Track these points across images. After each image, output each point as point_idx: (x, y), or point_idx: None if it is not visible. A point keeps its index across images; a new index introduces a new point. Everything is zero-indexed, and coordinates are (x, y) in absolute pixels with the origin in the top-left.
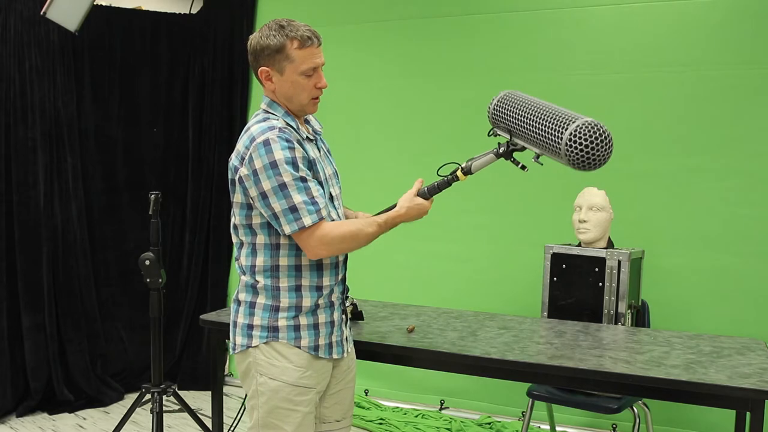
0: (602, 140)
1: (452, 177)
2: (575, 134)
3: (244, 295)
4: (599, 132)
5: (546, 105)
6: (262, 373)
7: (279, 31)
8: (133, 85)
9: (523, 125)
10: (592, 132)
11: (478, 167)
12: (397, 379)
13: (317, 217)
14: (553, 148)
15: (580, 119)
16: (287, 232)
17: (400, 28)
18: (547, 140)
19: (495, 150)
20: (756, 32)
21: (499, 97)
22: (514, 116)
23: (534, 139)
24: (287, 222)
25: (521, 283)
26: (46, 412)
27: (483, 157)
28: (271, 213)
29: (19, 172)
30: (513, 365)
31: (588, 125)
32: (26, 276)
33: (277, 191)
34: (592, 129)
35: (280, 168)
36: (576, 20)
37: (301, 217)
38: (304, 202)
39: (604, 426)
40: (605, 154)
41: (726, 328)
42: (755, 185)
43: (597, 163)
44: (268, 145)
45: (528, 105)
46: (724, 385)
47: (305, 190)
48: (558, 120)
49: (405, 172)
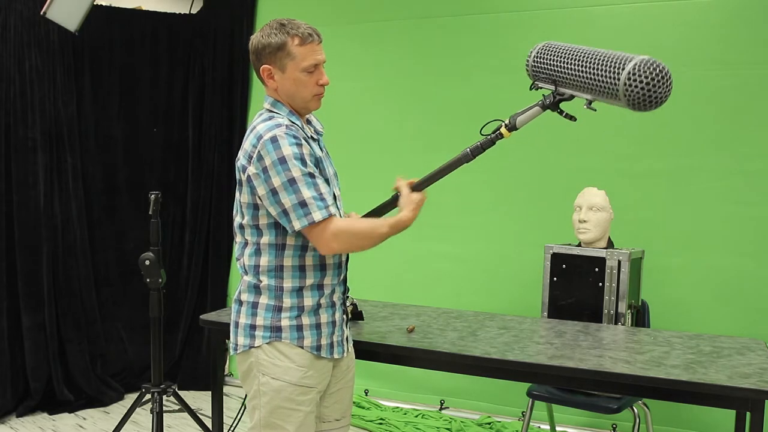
0: (662, 77)
1: (496, 135)
2: (634, 72)
3: (246, 295)
4: (659, 69)
5: (591, 49)
6: (264, 373)
7: (280, 29)
8: (133, 85)
9: (571, 72)
10: (652, 69)
11: (523, 122)
12: (397, 379)
13: (327, 213)
14: (609, 91)
15: (636, 57)
16: (297, 227)
17: (400, 28)
18: (602, 83)
19: (541, 102)
20: (756, 32)
21: (538, 49)
22: (560, 64)
23: (585, 84)
24: (297, 217)
25: (521, 283)
26: (46, 412)
27: (528, 110)
28: (281, 210)
29: (19, 172)
30: (513, 365)
31: (646, 63)
32: (26, 276)
33: (287, 186)
34: (651, 66)
35: (289, 163)
36: (576, 20)
37: (311, 212)
38: (314, 198)
39: (604, 426)
40: (666, 91)
41: (726, 328)
42: (755, 185)
43: (658, 101)
44: (276, 142)
45: (573, 51)
46: (724, 385)
47: (314, 185)
48: (611, 61)
49: (405, 172)
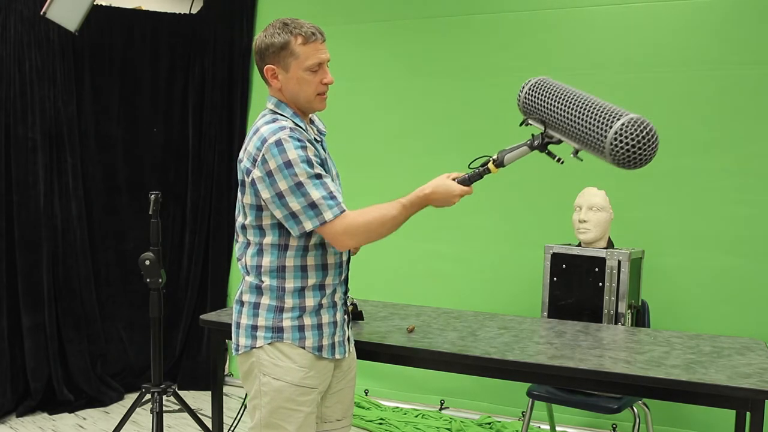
0: (649, 138)
1: (484, 169)
2: (622, 132)
3: (248, 295)
4: (647, 131)
5: (584, 96)
6: (265, 373)
7: (283, 28)
8: (133, 85)
9: (561, 117)
10: (640, 130)
11: (511, 159)
12: (397, 379)
13: (338, 210)
14: (595, 145)
15: (625, 116)
16: (308, 228)
17: (400, 28)
18: (589, 135)
19: (529, 141)
20: (756, 32)
21: (531, 84)
22: (550, 106)
23: (573, 132)
24: (308, 218)
25: (521, 283)
26: (46, 412)
27: (516, 149)
28: (288, 212)
29: (19, 172)
30: (513, 365)
31: (635, 122)
32: (26, 276)
33: (294, 190)
34: (639, 127)
35: (295, 167)
36: (576, 20)
37: (321, 212)
38: (323, 197)
39: (604, 426)
40: (651, 153)
41: (726, 328)
42: (755, 185)
43: (642, 162)
44: (280, 146)
45: (565, 94)
46: (724, 385)
47: (322, 185)
48: (601, 114)
49: (405, 172)
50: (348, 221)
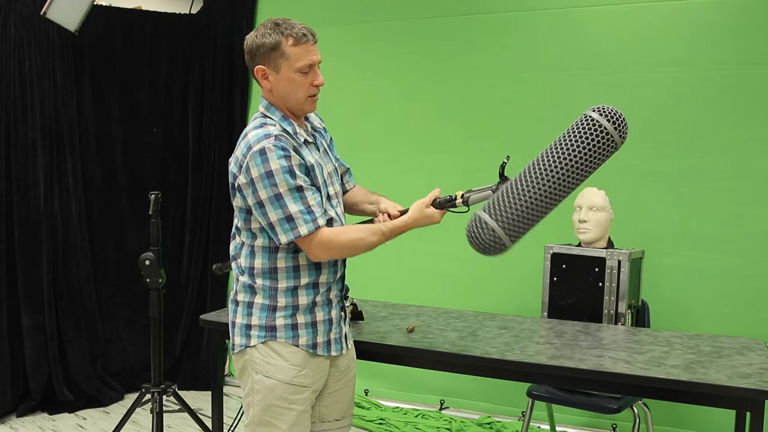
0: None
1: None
2: (601, 110)
3: (242, 295)
4: (611, 111)
5: (528, 167)
6: (257, 371)
7: (274, 29)
8: (133, 84)
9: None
10: (605, 108)
11: (475, 201)
12: (397, 379)
13: (313, 226)
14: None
15: (578, 121)
16: (283, 241)
17: (400, 28)
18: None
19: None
20: (756, 32)
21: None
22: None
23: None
24: (283, 231)
25: (521, 283)
26: (46, 412)
27: (482, 191)
28: (267, 222)
29: (19, 172)
30: (513, 365)
31: (595, 109)
32: (26, 276)
33: (273, 201)
34: (601, 107)
35: (276, 178)
36: (576, 20)
37: (297, 227)
38: (300, 212)
39: (604, 426)
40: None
41: (726, 328)
42: (755, 185)
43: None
44: (264, 155)
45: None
46: (724, 385)
47: (301, 199)
48: (569, 139)
49: (405, 172)
50: (322, 238)
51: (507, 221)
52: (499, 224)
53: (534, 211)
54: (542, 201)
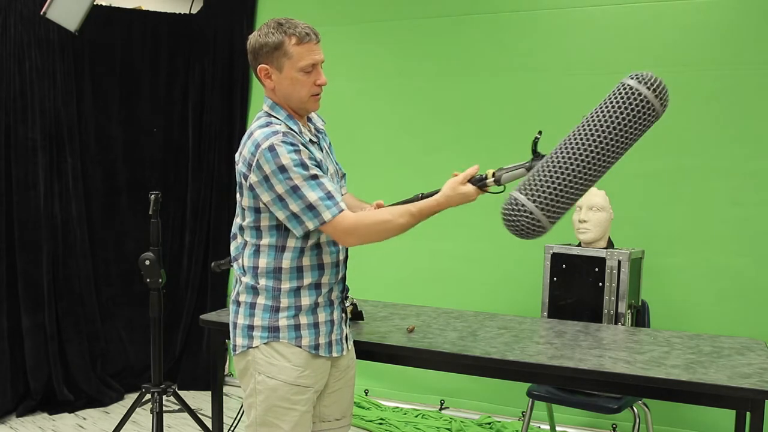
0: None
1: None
2: (639, 77)
3: (244, 296)
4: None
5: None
6: (260, 372)
7: (277, 28)
8: (133, 85)
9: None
10: (645, 74)
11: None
12: (397, 379)
13: (336, 210)
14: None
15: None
16: (311, 227)
17: (400, 28)
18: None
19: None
20: (756, 32)
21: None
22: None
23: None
24: (308, 219)
25: (521, 283)
26: (46, 412)
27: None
28: (290, 213)
29: (19, 172)
30: (513, 365)
31: (634, 76)
32: (26, 276)
33: (291, 193)
34: (641, 74)
35: (289, 172)
36: (576, 20)
37: (320, 213)
38: (320, 198)
39: (604, 426)
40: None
41: (726, 328)
42: (756, 185)
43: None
44: (273, 150)
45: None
46: (724, 385)
47: (318, 186)
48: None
49: (405, 172)
50: (348, 223)
51: (545, 202)
52: (538, 205)
53: (573, 189)
54: (582, 178)
